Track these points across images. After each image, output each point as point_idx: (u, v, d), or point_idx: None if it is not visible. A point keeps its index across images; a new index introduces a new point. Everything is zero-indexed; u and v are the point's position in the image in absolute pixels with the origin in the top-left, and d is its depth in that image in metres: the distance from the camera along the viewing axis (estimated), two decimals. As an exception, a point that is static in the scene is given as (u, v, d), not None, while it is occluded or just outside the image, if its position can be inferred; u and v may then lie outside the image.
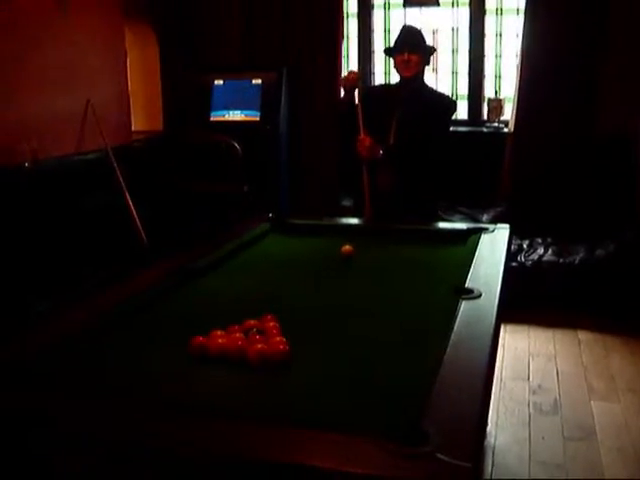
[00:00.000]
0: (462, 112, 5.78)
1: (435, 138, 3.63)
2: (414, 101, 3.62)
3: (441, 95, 3.94)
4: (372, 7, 5.86)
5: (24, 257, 4.15)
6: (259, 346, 1.81)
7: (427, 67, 3.76)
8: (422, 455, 1.29)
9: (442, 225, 3.62)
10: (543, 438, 3.20)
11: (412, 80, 3.65)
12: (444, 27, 5.73)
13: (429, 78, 5.69)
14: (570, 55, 5.12)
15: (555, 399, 3.56)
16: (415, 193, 3.64)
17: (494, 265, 2.61)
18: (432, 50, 3.78)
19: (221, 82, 5.75)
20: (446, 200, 5.08)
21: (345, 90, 3.74)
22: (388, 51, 3.77)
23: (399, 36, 3.70)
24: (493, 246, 2.91)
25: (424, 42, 3.69)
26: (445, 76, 5.80)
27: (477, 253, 2.76)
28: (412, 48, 3.60)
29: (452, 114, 3.84)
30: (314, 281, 2.63)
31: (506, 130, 5.49)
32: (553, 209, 5.21)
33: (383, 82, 5.77)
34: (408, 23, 4.47)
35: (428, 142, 3.57)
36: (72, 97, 4.82)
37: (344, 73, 5.55)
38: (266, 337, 1.87)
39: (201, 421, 1.47)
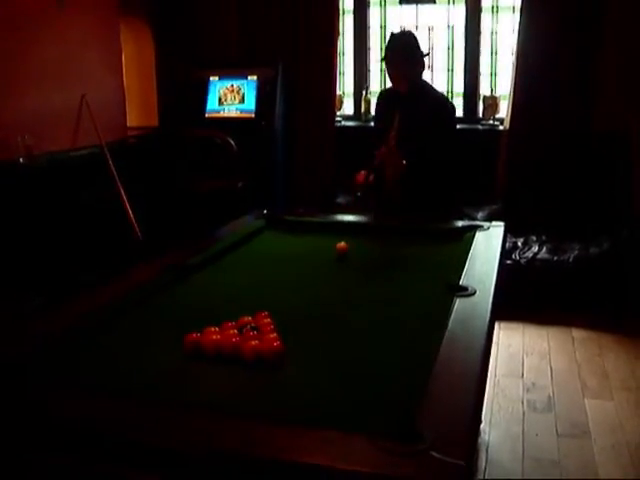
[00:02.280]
0: (458, 109, 5.76)
1: (446, 147, 3.55)
2: (413, 105, 3.56)
3: (440, 100, 3.77)
4: (368, 4, 5.85)
5: (19, 252, 4.14)
6: (254, 343, 1.81)
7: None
8: (416, 453, 1.29)
9: (437, 222, 3.62)
10: (537, 435, 3.21)
11: (408, 91, 3.59)
12: (440, 24, 5.72)
13: (425, 75, 5.75)
14: (566, 53, 5.12)
15: (549, 396, 3.57)
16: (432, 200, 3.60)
17: (489, 263, 2.61)
18: (423, 56, 3.62)
19: (217, 78, 5.74)
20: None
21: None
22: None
23: (386, 49, 3.60)
24: (488, 244, 2.91)
25: (412, 52, 3.56)
26: (441, 73, 5.79)
27: (472, 251, 2.76)
28: (397, 65, 3.53)
29: (454, 118, 3.75)
30: (309, 278, 2.63)
31: (501, 128, 5.49)
32: (548, 207, 5.22)
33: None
34: (397, 30, 4.24)
35: (440, 161, 3.51)
36: (67, 93, 4.81)
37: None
38: (260, 334, 1.87)
39: (196, 418, 1.47)
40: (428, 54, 3.68)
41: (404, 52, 3.56)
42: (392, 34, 3.75)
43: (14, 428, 1.50)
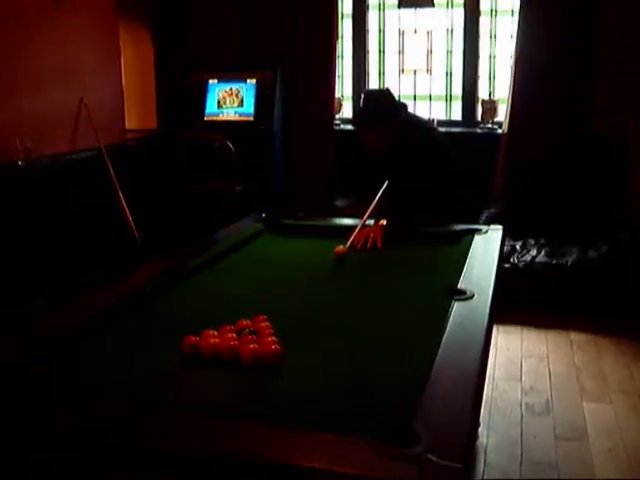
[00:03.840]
0: (456, 113, 5.79)
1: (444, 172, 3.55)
2: (398, 156, 3.52)
3: (419, 146, 3.57)
4: (367, 8, 5.86)
5: (18, 254, 4.14)
6: (252, 346, 1.81)
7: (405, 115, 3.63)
8: (413, 456, 1.29)
9: (435, 226, 3.62)
10: (535, 438, 3.21)
11: (382, 149, 3.55)
12: (439, 28, 5.73)
13: (424, 79, 5.78)
14: (564, 56, 5.13)
15: (547, 400, 3.57)
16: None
17: (487, 266, 2.61)
18: (399, 112, 3.57)
19: (215, 81, 5.74)
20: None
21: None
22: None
23: (358, 113, 3.56)
24: (486, 247, 2.91)
25: (379, 117, 3.49)
26: (439, 77, 5.80)
27: (470, 254, 2.76)
28: (364, 126, 3.54)
29: (439, 154, 3.65)
30: (307, 281, 2.63)
31: (500, 131, 5.50)
32: (546, 210, 5.22)
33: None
34: (371, 89, 3.95)
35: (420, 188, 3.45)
36: (66, 95, 4.82)
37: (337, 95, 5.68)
38: (259, 337, 1.87)
39: (194, 420, 1.47)
40: (406, 106, 3.67)
41: (373, 116, 3.52)
42: (365, 93, 3.66)
43: (14, 428, 1.50)
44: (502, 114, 5.52)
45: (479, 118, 5.68)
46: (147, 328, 2.12)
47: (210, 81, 5.74)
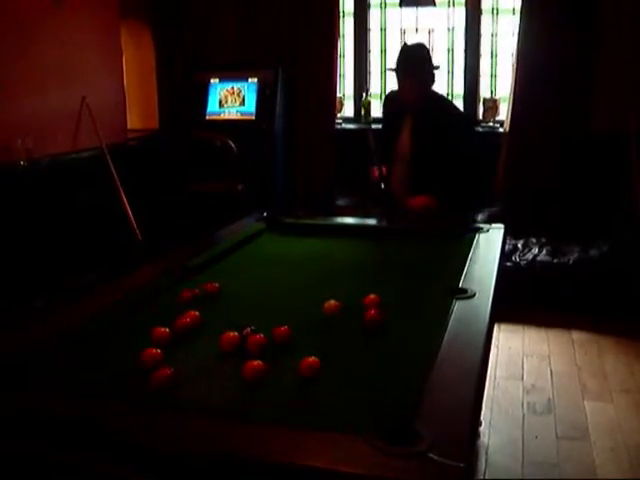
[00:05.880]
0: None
1: (467, 161, 3.58)
2: (428, 119, 3.54)
3: (458, 117, 3.77)
4: (368, 6, 5.86)
5: (19, 254, 4.15)
6: (255, 363, 1.73)
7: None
8: (414, 455, 1.29)
9: (437, 225, 3.62)
10: (536, 437, 3.21)
11: (418, 102, 3.56)
12: (440, 27, 5.74)
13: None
14: (565, 55, 5.13)
15: (549, 399, 3.57)
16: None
17: (488, 265, 2.61)
18: (434, 69, 3.61)
19: (217, 80, 5.75)
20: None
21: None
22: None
23: (398, 59, 3.56)
24: (487, 246, 2.91)
25: (423, 64, 3.53)
26: (441, 76, 5.79)
27: (471, 253, 2.76)
28: (407, 73, 3.52)
29: (471, 131, 3.74)
30: (308, 280, 2.63)
31: (501, 130, 5.50)
32: (548, 209, 5.22)
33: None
34: (408, 42, 4.06)
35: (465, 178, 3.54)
36: (67, 95, 4.82)
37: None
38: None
39: (195, 421, 1.47)
40: (438, 67, 3.68)
41: (416, 63, 3.52)
42: (405, 45, 3.71)
43: (13, 428, 1.50)
44: (503, 113, 5.52)
45: (480, 117, 5.68)
46: (147, 328, 2.12)
47: (211, 80, 5.75)
